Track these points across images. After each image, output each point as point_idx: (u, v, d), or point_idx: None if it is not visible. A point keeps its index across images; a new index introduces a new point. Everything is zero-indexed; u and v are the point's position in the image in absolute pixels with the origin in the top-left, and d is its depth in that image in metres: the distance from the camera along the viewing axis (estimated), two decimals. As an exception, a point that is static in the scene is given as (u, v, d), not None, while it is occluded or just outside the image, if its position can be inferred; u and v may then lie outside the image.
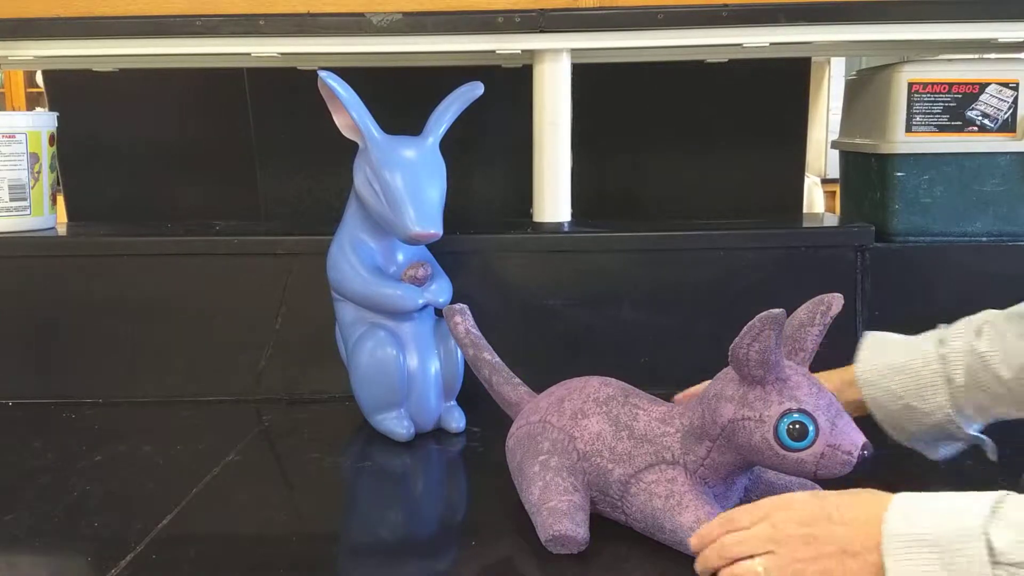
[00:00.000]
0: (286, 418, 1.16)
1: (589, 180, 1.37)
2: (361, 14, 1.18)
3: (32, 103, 4.80)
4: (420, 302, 1.05)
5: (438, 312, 1.11)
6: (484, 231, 1.26)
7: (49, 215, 1.31)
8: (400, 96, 1.20)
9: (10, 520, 0.87)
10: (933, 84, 1.20)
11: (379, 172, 1.02)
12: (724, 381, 0.78)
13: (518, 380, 0.96)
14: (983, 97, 1.20)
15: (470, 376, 1.02)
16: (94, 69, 1.40)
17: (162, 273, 1.24)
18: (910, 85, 1.20)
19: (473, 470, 1.02)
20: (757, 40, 1.19)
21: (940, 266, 0.96)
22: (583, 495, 0.81)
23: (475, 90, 1.10)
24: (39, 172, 1.28)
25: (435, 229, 1.03)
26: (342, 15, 1.19)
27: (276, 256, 1.23)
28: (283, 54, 1.25)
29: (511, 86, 1.30)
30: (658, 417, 0.82)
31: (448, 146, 1.08)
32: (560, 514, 0.78)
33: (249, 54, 1.24)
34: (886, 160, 1.23)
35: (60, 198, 1.46)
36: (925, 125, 1.21)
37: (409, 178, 1.02)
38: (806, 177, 1.54)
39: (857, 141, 1.32)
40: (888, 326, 0.96)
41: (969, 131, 1.21)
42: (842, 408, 0.76)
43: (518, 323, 1.22)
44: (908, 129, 1.21)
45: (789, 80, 1.45)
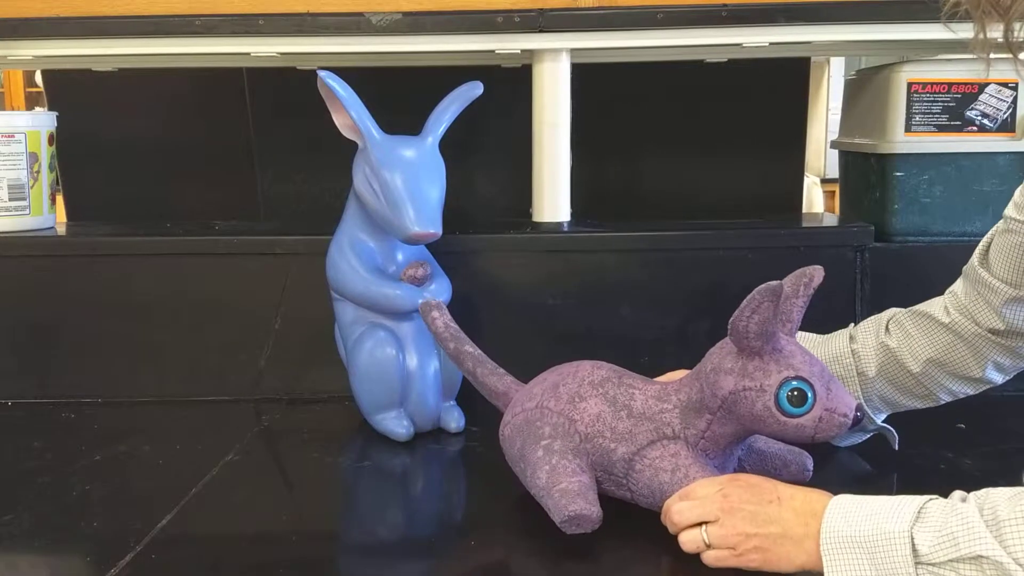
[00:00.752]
0: (285, 418, 1.17)
1: (588, 180, 1.37)
2: (360, 14, 1.19)
3: (31, 103, 4.80)
4: (419, 302, 1.05)
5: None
6: (483, 231, 1.26)
7: (48, 215, 1.31)
8: (399, 96, 1.20)
9: (10, 520, 0.87)
10: (932, 84, 1.20)
11: (378, 172, 1.02)
12: (721, 355, 0.80)
13: (503, 370, 0.97)
14: (982, 97, 1.20)
15: (469, 376, 1.02)
16: (93, 69, 1.40)
17: (162, 273, 1.24)
18: (909, 85, 1.20)
19: (472, 470, 1.02)
20: (756, 40, 1.19)
21: (939, 266, 0.96)
22: (590, 475, 0.82)
23: (474, 90, 1.10)
24: (38, 172, 1.28)
25: (434, 229, 1.03)
26: (341, 15, 1.19)
27: (275, 256, 1.23)
28: (282, 54, 1.25)
29: (510, 86, 1.30)
30: (654, 395, 0.84)
31: (447, 146, 1.08)
32: (572, 494, 0.79)
33: (248, 54, 1.24)
34: (885, 160, 1.23)
35: (59, 198, 1.46)
36: (924, 125, 1.21)
37: (408, 178, 1.02)
38: (805, 177, 1.54)
39: (856, 141, 1.32)
40: (887, 326, 0.96)
41: (968, 131, 1.21)
42: (832, 374, 0.80)
43: (518, 323, 1.22)
44: (907, 129, 1.21)
45: (788, 80, 1.45)
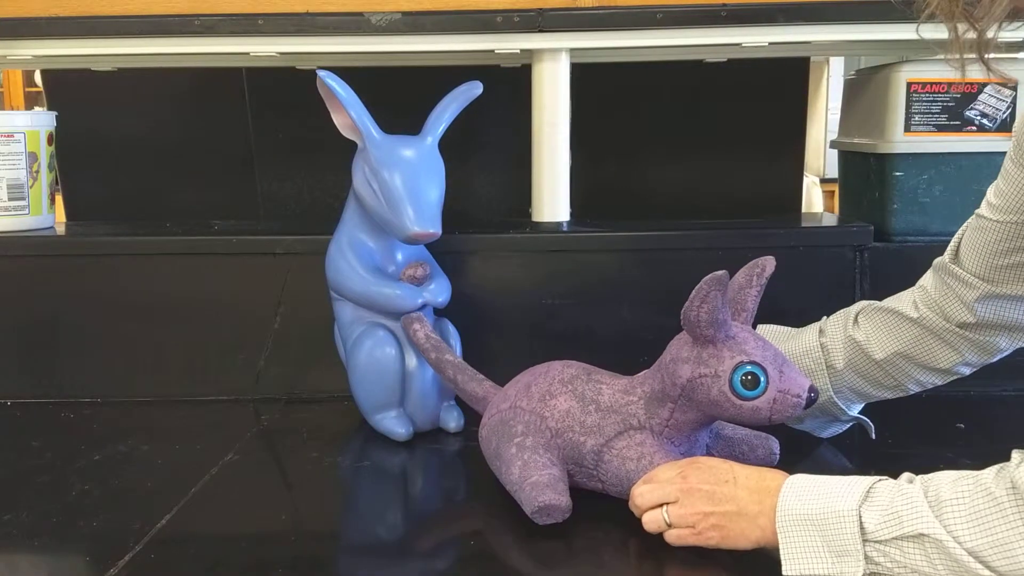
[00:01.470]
0: (285, 418, 1.17)
1: (588, 180, 1.37)
2: (360, 13, 1.18)
3: (31, 102, 4.80)
4: (419, 302, 1.05)
5: (437, 312, 1.11)
6: (483, 231, 1.26)
7: (47, 215, 1.31)
8: (399, 96, 1.20)
9: (9, 520, 0.87)
10: (932, 84, 1.20)
11: (378, 172, 1.02)
12: (678, 346, 0.84)
13: (482, 376, 1.01)
14: (982, 97, 1.20)
15: (469, 376, 1.02)
16: (93, 68, 1.40)
17: (161, 273, 1.24)
18: (909, 85, 1.20)
19: (471, 470, 1.02)
20: (756, 40, 1.19)
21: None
22: (560, 469, 0.86)
23: (474, 90, 1.10)
24: (38, 172, 1.28)
25: (434, 229, 1.03)
26: (341, 14, 1.19)
27: (275, 256, 1.23)
28: (282, 53, 1.25)
29: (510, 86, 1.30)
30: (620, 388, 0.88)
31: (447, 146, 1.08)
32: (542, 486, 0.82)
33: (248, 53, 1.24)
34: (885, 160, 1.23)
35: (59, 197, 1.46)
36: (924, 125, 1.21)
37: (408, 178, 1.02)
38: (805, 176, 1.54)
39: (856, 141, 1.32)
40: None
41: (968, 131, 1.21)
42: (787, 358, 0.82)
43: (517, 322, 1.22)
44: (907, 129, 1.21)
45: (788, 80, 1.45)
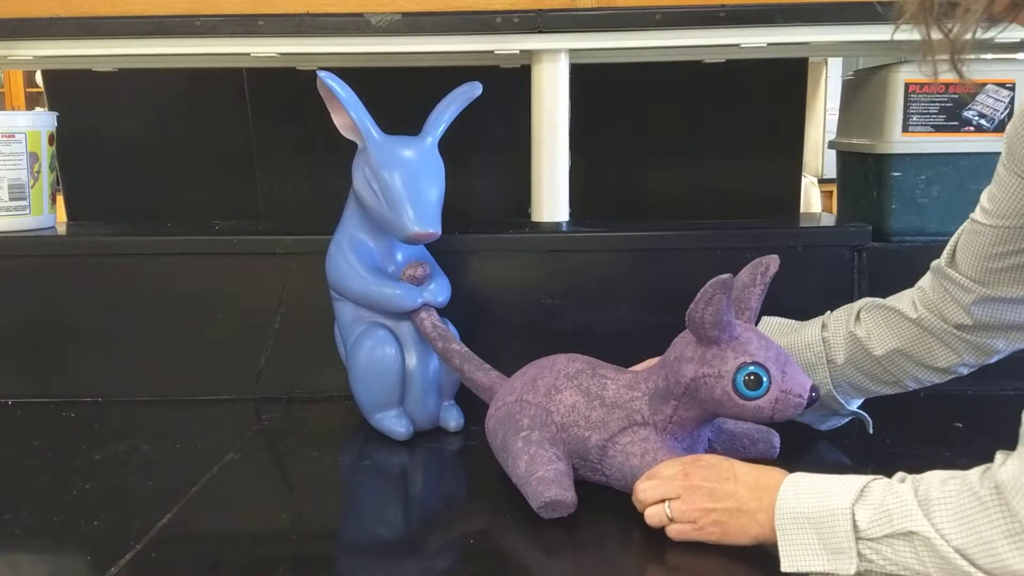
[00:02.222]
0: (285, 417, 1.17)
1: (587, 180, 1.37)
2: (360, 14, 1.19)
3: (32, 103, 4.80)
4: (419, 301, 1.06)
5: (437, 312, 1.11)
6: (482, 231, 1.26)
7: (48, 214, 1.31)
8: (399, 96, 1.20)
9: (10, 519, 0.87)
10: (930, 84, 1.20)
11: (378, 172, 1.02)
12: (683, 345, 0.85)
13: (488, 366, 1.02)
14: (980, 97, 1.20)
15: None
16: (93, 69, 1.40)
17: (161, 272, 1.24)
18: (907, 85, 1.20)
19: (471, 469, 1.02)
20: (754, 40, 1.20)
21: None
22: (566, 463, 0.87)
23: (473, 90, 1.10)
24: (38, 172, 1.28)
25: (434, 229, 1.03)
26: (341, 15, 1.20)
27: (275, 256, 1.23)
28: (282, 54, 1.25)
29: (509, 86, 1.30)
30: (625, 384, 0.89)
31: (447, 146, 1.08)
32: (548, 482, 0.83)
33: (248, 54, 1.24)
34: (883, 160, 1.24)
35: (59, 198, 1.46)
36: (922, 125, 1.21)
37: (408, 178, 1.02)
38: (803, 177, 1.54)
39: (854, 141, 1.32)
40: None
41: (966, 131, 1.21)
42: (790, 357, 0.83)
43: (517, 322, 1.22)
44: (905, 129, 1.21)
45: (786, 80, 1.45)
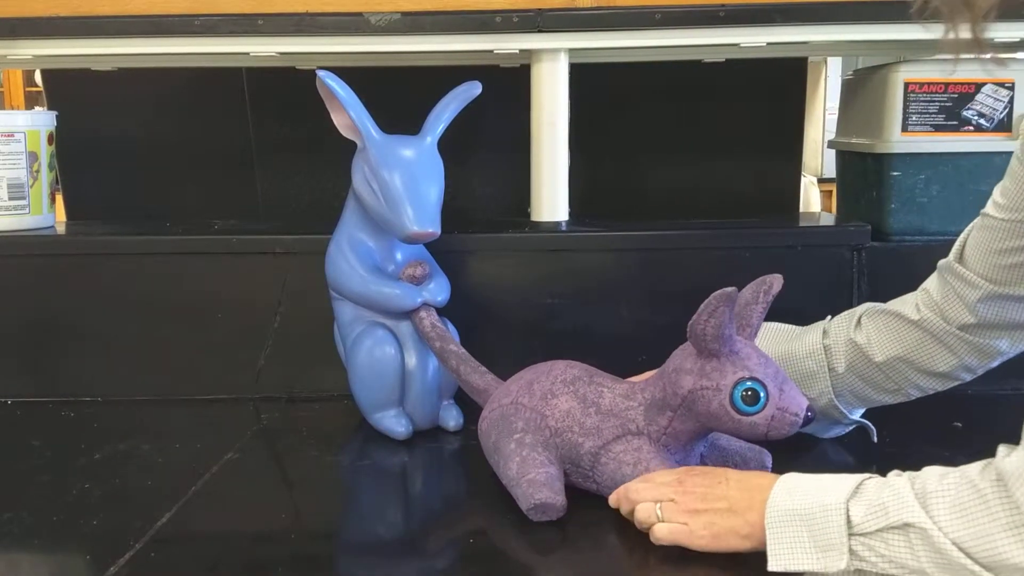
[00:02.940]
0: (285, 416, 1.17)
1: (587, 179, 1.37)
2: (359, 14, 1.19)
3: (31, 102, 4.80)
4: (418, 301, 1.06)
5: (436, 311, 1.11)
6: (482, 230, 1.26)
7: (48, 214, 1.31)
8: (398, 96, 1.20)
9: (9, 519, 0.87)
10: (929, 84, 1.20)
11: (377, 171, 1.02)
12: (682, 356, 0.84)
13: (484, 368, 1.02)
14: (979, 97, 1.20)
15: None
16: (93, 68, 1.40)
17: (161, 272, 1.24)
18: (906, 85, 1.20)
19: (471, 468, 1.02)
20: (754, 40, 1.20)
21: (936, 265, 0.96)
22: (558, 467, 0.87)
23: (473, 89, 1.10)
24: (38, 171, 1.28)
25: (433, 228, 1.03)
26: (340, 15, 1.20)
27: (275, 255, 1.23)
28: (282, 53, 1.25)
29: (509, 86, 1.30)
30: (622, 393, 0.88)
31: (446, 145, 1.08)
32: (539, 484, 0.83)
33: (248, 54, 1.24)
34: (882, 159, 1.24)
35: (59, 197, 1.46)
36: (921, 125, 1.21)
37: (407, 177, 1.02)
38: (803, 176, 1.54)
39: (853, 141, 1.32)
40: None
41: (965, 131, 1.21)
42: (787, 376, 0.83)
43: (516, 322, 1.22)
44: (904, 129, 1.21)
45: (786, 80, 1.45)
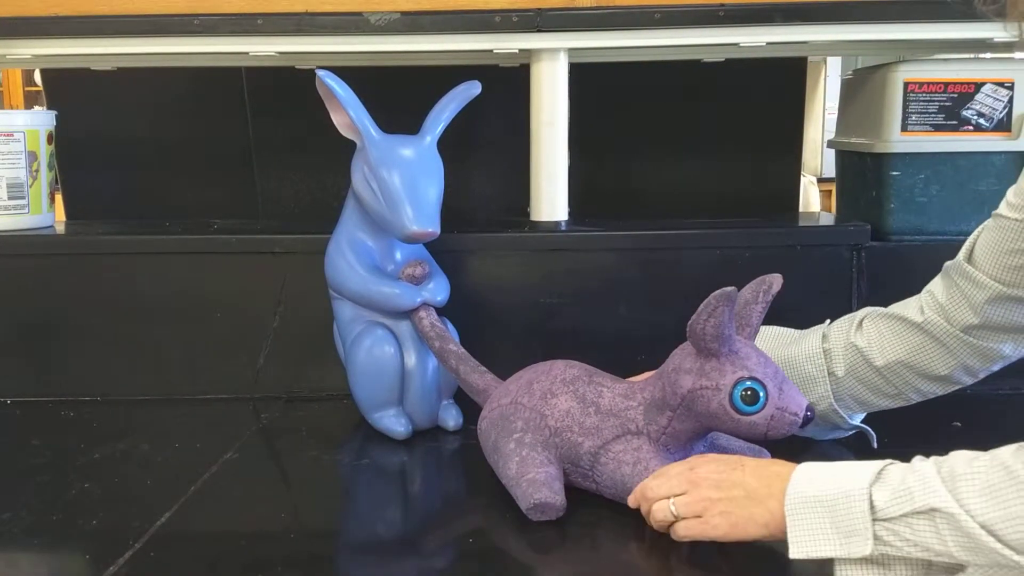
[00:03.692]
0: (284, 416, 1.17)
1: (586, 179, 1.37)
2: (359, 13, 1.19)
3: (30, 102, 4.80)
4: (418, 300, 1.06)
5: (436, 311, 1.11)
6: (481, 230, 1.26)
7: (47, 213, 1.31)
8: (398, 95, 1.20)
9: (9, 518, 0.87)
10: (929, 84, 1.20)
11: (377, 171, 1.02)
12: (682, 356, 0.84)
13: (484, 368, 1.02)
14: (979, 97, 1.20)
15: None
16: (92, 68, 1.40)
17: (160, 271, 1.24)
18: (906, 84, 1.20)
19: (470, 468, 1.02)
20: (753, 40, 1.20)
21: (935, 265, 0.96)
22: (557, 467, 0.87)
23: (472, 89, 1.10)
24: (37, 171, 1.28)
25: (433, 228, 1.03)
26: (340, 14, 1.19)
27: (274, 255, 1.23)
28: (281, 53, 1.25)
29: (508, 85, 1.30)
30: (621, 393, 0.88)
31: (446, 145, 1.08)
32: (539, 484, 0.83)
33: (247, 53, 1.24)
34: (882, 159, 1.24)
35: (58, 196, 1.46)
36: (921, 124, 1.21)
37: (407, 177, 1.03)
38: (802, 176, 1.54)
39: (853, 140, 1.32)
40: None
41: (965, 130, 1.21)
42: (786, 376, 0.83)
43: (515, 321, 1.22)
44: (904, 128, 1.21)
45: (785, 79, 1.45)
